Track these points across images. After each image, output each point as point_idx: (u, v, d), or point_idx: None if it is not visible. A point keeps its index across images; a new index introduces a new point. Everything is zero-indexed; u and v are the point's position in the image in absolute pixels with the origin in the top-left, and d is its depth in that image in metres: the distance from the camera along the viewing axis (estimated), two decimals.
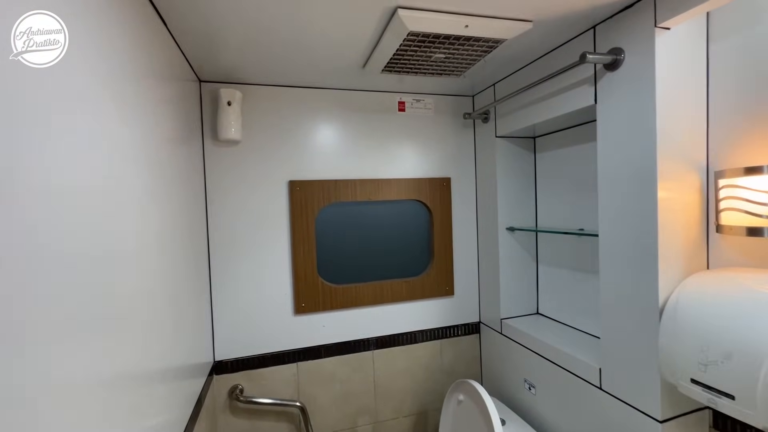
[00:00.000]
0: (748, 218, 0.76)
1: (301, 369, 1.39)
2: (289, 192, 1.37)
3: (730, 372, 0.67)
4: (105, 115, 0.57)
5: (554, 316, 1.43)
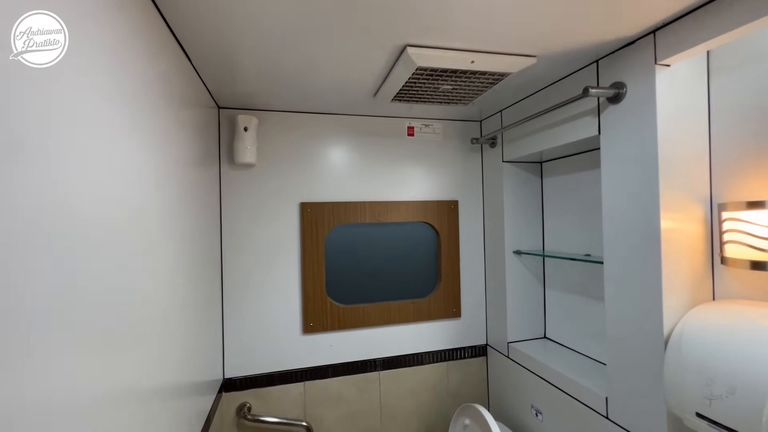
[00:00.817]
0: (751, 252, 0.77)
1: (308, 388, 1.41)
2: (300, 213, 1.41)
3: (735, 407, 0.67)
4: (126, 141, 0.60)
5: (561, 340, 1.42)
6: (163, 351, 0.75)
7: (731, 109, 0.86)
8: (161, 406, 0.75)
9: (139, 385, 0.64)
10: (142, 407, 0.65)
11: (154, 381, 0.71)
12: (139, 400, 0.64)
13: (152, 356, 0.70)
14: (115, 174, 0.57)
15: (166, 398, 0.78)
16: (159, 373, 0.74)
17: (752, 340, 0.70)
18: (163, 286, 0.76)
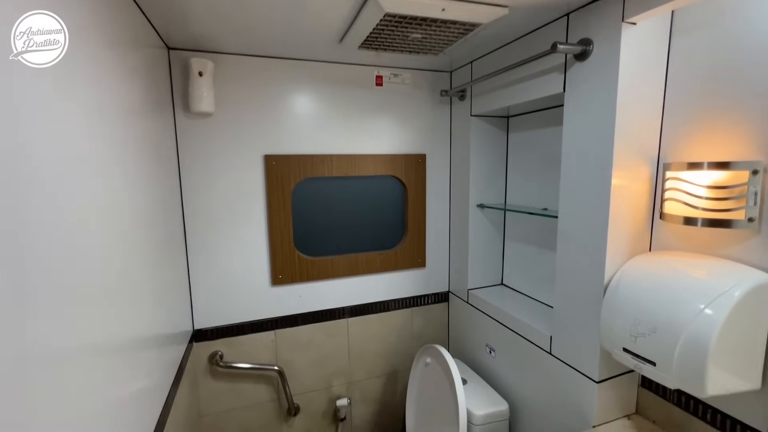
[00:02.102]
0: (686, 209, 0.84)
1: (278, 336, 1.47)
2: (264, 166, 1.37)
3: (654, 343, 0.78)
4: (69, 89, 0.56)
5: (517, 287, 1.54)
6: (129, 305, 0.75)
7: (686, 72, 0.89)
8: (134, 356, 0.77)
9: (108, 338, 0.65)
10: (115, 358, 0.67)
11: (125, 333, 0.72)
12: (112, 352, 0.65)
13: (119, 311, 0.70)
14: (57, 125, 0.52)
15: (138, 349, 0.79)
16: (129, 326, 0.74)
17: (674, 286, 0.79)
18: (123, 241, 0.73)
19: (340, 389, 1.60)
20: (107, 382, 0.64)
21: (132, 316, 0.78)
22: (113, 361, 0.67)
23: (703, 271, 0.80)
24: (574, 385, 1.05)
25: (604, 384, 0.99)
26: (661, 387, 0.98)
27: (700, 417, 0.89)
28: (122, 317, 0.73)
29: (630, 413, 1.04)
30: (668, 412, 0.96)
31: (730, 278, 0.74)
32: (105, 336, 0.64)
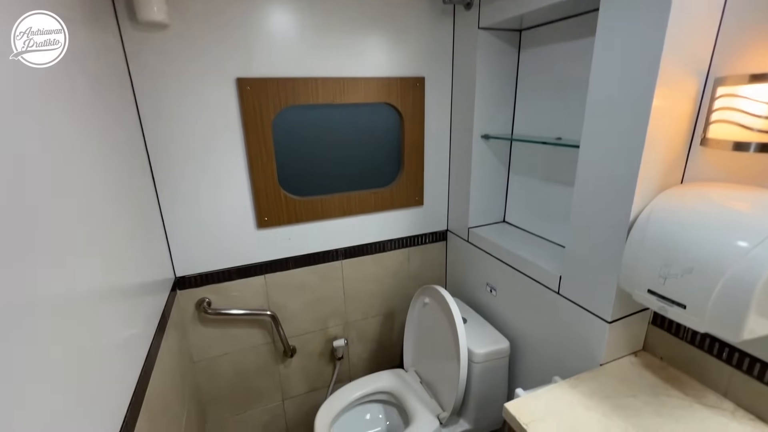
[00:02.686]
0: (738, 131, 0.71)
1: (269, 281, 1.38)
2: (238, 92, 1.16)
3: (688, 284, 0.70)
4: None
5: (520, 224, 1.46)
6: (92, 254, 0.63)
7: None
8: (104, 309, 0.67)
9: (73, 291, 0.57)
10: (81, 312, 0.58)
11: (88, 285, 0.62)
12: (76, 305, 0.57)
13: (81, 260, 0.60)
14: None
15: (105, 301, 0.69)
16: (92, 277, 0.63)
17: (719, 222, 0.69)
18: (69, 188, 0.59)
19: (337, 330, 1.57)
20: (77, 332, 0.57)
21: (98, 264, 0.67)
22: (84, 314, 0.60)
23: (752, 204, 0.70)
24: (583, 324, 1.00)
25: (616, 324, 0.94)
26: (675, 324, 0.93)
27: (715, 355, 0.85)
28: (87, 266, 0.62)
29: (637, 350, 1.01)
30: (678, 348, 0.93)
31: None
32: (70, 286, 0.56)
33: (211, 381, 1.40)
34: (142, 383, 0.80)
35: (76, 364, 0.56)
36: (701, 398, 0.85)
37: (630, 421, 0.80)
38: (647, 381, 0.91)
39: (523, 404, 0.85)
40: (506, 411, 0.84)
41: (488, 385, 1.27)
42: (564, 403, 0.85)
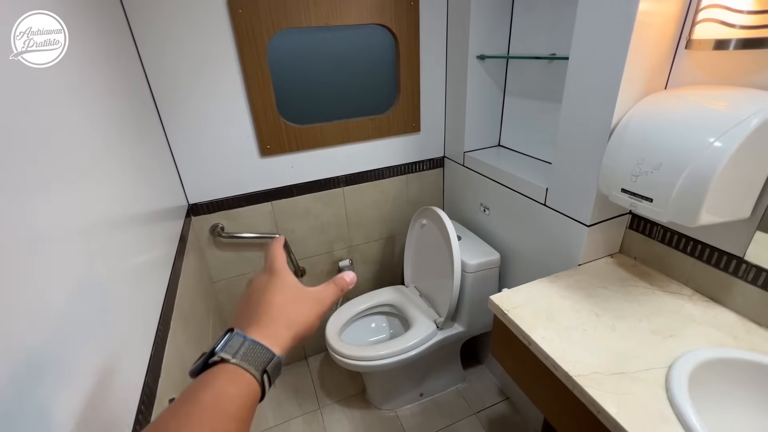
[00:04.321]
0: (720, 29, 0.73)
1: (275, 207, 1.47)
2: (230, 14, 1.16)
3: (656, 180, 0.77)
4: None
5: (515, 147, 1.50)
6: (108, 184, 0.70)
7: None
8: (129, 233, 0.76)
9: (98, 217, 0.62)
10: (108, 236, 0.65)
11: (113, 211, 0.69)
12: (103, 229, 0.63)
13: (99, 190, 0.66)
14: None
15: (131, 225, 0.77)
16: (115, 204, 0.71)
17: (689, 120, 0.74)
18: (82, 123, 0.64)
19: (341, 253, 1.69)
20: (114, 253, 0.65)
21: (119, 193, 0.74)
22: (112, 237, 0.66)
23: (723, 102, 0.74)
24: (565, 230, 1.09)
25: (594, 227, 1.03)
26: (648, 226, 1.02)
27: (681, 249, 0.95)
28: (110, 193, 0.69)
29: (614, 252, 1.11)
30: (650, 248, 1.03)
31: (752, 106, 0.68)
32: (97, 214, 0.62)
33: (230, 299, 1.55)
34: (171, 290, 0.91)
35: (114, 276, 0.63)
36: (665, 287, 0.96)
37: (599, 305, 0.92)
38: (619, 276, 1.02)
39: (505, 296, 0.97)
40: (491, 302, 0.96)
41: (480, 293, 1.40)
42: (542, 294, 0.97)
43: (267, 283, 0.37)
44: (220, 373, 0.28)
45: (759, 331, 0.81)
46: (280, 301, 0.35)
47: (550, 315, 0.90)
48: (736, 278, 0.85)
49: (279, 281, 0.37)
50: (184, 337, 0.91)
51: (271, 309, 0.34)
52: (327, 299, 0.38)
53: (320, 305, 0.37)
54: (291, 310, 0.35)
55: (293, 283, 0.37)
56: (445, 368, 1.62)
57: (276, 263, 0.39)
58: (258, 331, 0.32)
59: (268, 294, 0.35)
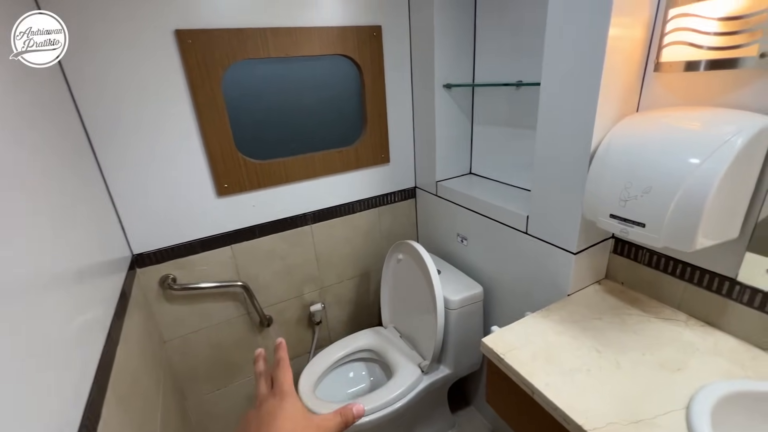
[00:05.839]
0: (689, 51, 0.73)
1: (236, 251, 1.33)
2: (179, 46, 1.06)
3: (646, 204, 0.73)
4: None
5: (487, 174, 1.47)
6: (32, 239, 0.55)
7: None
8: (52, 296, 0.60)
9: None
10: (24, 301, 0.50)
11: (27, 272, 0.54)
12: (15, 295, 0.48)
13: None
14: None
15: (55, 287, 0.62)
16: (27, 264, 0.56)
17: (673, 141, 0.72)
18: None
19: (312, 296, 1.55)
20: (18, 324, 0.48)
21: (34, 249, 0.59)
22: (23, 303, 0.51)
23: (701, 122, 0.72)
24: (551, 259, 1.04)
25: (581, 255, 0.98)
26: (634, 250, 0.99)
27: (670, 273, 0.92)
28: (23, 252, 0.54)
29: (600, 278, 1.07)
30: (637, 272, 0.99)
31: (732, 125, 0.67)
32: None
33: (185, 359, 1.35)
34: (104, 366, 0.74)
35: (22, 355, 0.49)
36: (658, 313, 0.92)
37: (597, 340, 0.85)
38: (610, 304, 0.97)
39: (498, 337, 0.88)
40: (484, 345, 0.87)
41: (465, 330, 1.31)
42: (537, 331, 0.89)
43: (278, 409, 0.37)
44: None
45: (764, 356, 0.77)
46: (290, 429, 0.35)
47: (549, 356, 0.82)
48: (731, 300, 0.82)
49: (290, 408, 0.37)
50: (121, 427, 0.73)
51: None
52: (330, 431, 0.38)
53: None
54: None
55: (302, 410, 0.38)
56: (433, 415, 1.49)
57: (285, 386, 0.39)
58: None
59: (279, 421, 0.36)
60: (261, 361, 0.45)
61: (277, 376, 0.40)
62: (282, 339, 0.47)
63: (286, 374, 0.40)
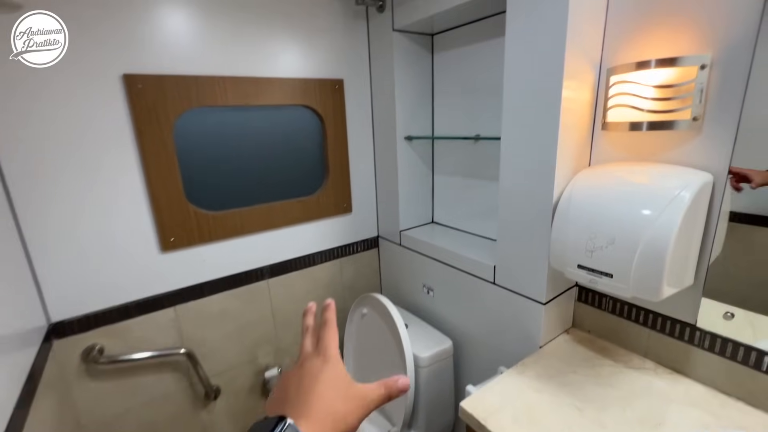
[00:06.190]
0: (632, 113, 0.80)
1: (180, 312, 1.18)
2: (127, 91, 0.98)
3: (612, 255, 0.75)
4: None
5: (449, 223, 1.48)
6: None
7: None
8: None
9: None
10: None
11: None
12: None
13: None
14: None
15: None
16: None
17: (627, 194, 0.76)
18: None
19: (267, 359, 1.40)
20: None
21: None
22: None
23: (650, 177, 0.78)
24: (520, 309, 1.03)
25: (549, 304, 0.98)
26: (597, 298, 1.00)
27: (633, 320, 0.93)
28: None
29: (568, 327, 1.07)
30: (602, 320, 1.00)
31: (678, 181, 0.72)
32: None
33: None
34: None
35: None
36: (628, 362, 0.92)
37: (576, 396, 0.82)
38: (582, 355, 0.95)
39: (477, 400, 0.83)
40: (462, 410, 0.81)
41: (436, 389, 1.23)
42: (515, 390, 0.85)
43: (321, 371, 0.35)
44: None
45: (731, 402, 0.78)
46: (332, 396, 0.34)
47: (531, 417, 0.77)
48: (693, 346, 0.84)
49: (333, 372, 0.35)
50: None
51: (322, 403, 0.33)
52: (373, 403, 0.35)
53: (366, 408, 0.35)
54: (340, 408, 0.33)
55: (345, 376, 0.36)
56: None
57: (330, 349, 0.37)
58: (309, 425, 0.31)
59: (321, 384, 0.34)
60: (310, 316, 0.43)
61: (323, 336, 0.39)
62: (332, 300, 0.44)
63: (332, 337, 0.39)
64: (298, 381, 0.35)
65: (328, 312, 0.41)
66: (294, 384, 0.35)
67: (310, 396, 0.33)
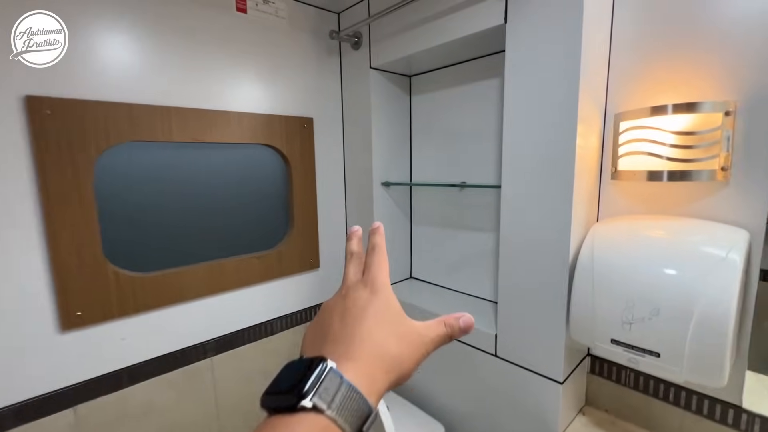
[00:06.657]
0: (650, 161, 0.72)
1: (84, 414, 0.86)
2: (29, 119, 0.74)
3: (657, 328, 0.62)
4: None
5: (430, 279, 1.31)
6: None
7: (632, 6, 0.77)
8: None
9: None
10: None
11: None
12: None
13: None
14: None
15: None
16: None
17: (670, 255, 0.65)
18: None
19: None
20: None
21: None
22: None
23: (690, 234, 0.68)
24: (530, 389, 0.86)
25: (566, 382, 0.82)
26: (615, 370, 0.86)
27: (662, 398, 0.80)
28: None
29: (582, 406, 0.91)
30: (622, 397, 0.86)
31: (723, 239, 0.63)
32: None
33: None
34: None
35: None
36: None
37: None
38: None
39: None
40: None
41: None
42: None
43: (369, 303, 0.29)
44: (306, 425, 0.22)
45: None
46: (383, 334, 0.28)
47: None
48: None
49: (382, 305, 0.29)
50: None
51: (371, 342, 0.27)
52: (432, 343, 0.29)
53: (423, 349, 0.29)
54: (393, 348, 0.28)
55: (398, 310, 0.30)
56: None
57: (380, 278, 0.31)
58: (354, 369, 0.25)
59: (368, 320, 0.28)
60: (355, 240, 0.36)
61: (370, 263, 0.32)
62: (380, 223, 0.36)
63: (381, 264, 0.32)
64: (342, 315, 0.29)
65: (377, 236, 0.35)
66: (337, 318, 0.29)
67: (355, 333, 0.28)
